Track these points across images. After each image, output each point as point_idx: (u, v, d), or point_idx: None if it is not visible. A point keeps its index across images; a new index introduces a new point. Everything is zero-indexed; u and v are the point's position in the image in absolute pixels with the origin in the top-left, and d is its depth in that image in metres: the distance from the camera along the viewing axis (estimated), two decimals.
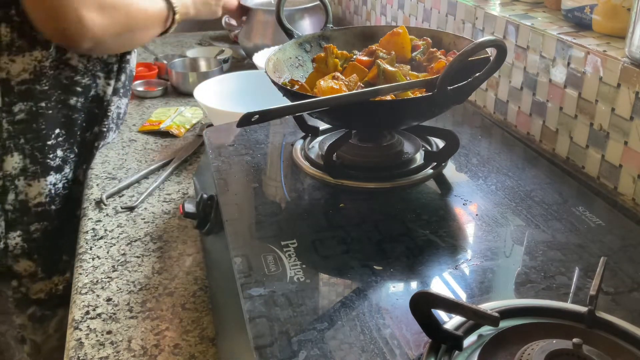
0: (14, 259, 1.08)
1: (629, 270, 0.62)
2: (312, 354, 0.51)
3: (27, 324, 1.11)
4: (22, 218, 1.07)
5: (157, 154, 1.18)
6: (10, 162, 1.03)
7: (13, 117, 1.01)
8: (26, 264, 1.09)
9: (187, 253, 0.88)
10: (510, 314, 0.53)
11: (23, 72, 1.00)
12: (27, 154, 1.04)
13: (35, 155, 1.05)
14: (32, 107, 1.02)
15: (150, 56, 1.71)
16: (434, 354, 0.49)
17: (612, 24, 0.88)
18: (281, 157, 0.87)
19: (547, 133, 0.96)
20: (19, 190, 1.05)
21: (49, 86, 1.03)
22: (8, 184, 1.04)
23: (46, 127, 1.05)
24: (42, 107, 1.03)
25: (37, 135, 1.04)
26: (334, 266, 0.63)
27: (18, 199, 1.06)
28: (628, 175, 0.81)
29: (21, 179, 1.05)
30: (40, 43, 0.99)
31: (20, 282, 1.09)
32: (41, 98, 1.03)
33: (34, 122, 1.04)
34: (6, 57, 0.97)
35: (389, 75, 0.77)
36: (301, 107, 0.69)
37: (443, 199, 0.77)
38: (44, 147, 1.06)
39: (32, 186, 1.06)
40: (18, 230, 1.07)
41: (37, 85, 1.02)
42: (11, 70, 0.98)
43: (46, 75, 1.02)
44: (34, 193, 1.07)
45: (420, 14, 1.31)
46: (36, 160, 1.06)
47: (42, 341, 1.11)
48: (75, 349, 0.70)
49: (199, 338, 0.72)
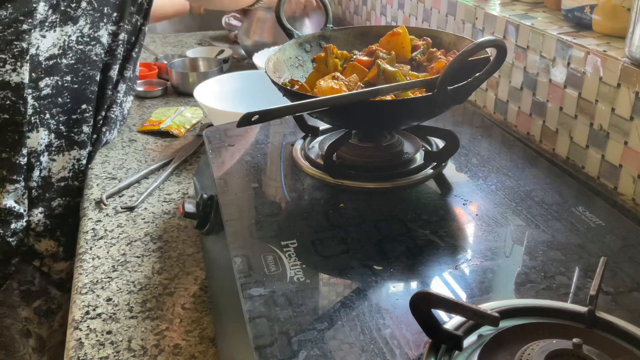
0: (35, 237, 1.08)
1: (629, 270, 0.62)
2: (312, 354, 0.51)
3: (33, 317, 1.11)
4: (44, 194, 1.07)
5: (157, 154, 1.18)
6: (35, 137, 1.04)
7: (39, 92, 1.02)
8: (48, 244, 1.09)
9: (187, 253, 0.88)
10: (510, 314, 0.53)
11: (52, 47, 1.01)
12: (52, 128, 1.06)
13: (60, 129, 1.07)
14: (57, 81, 1.04)
15: (150, 56, 1.71)
16: (434, 354, 0.49)
17: (612, 24, 0.88)
18: (281, 157, 0.87)
19: (547, 133, 0.96)
20: (43, 166, 1.06)
21: (75, 60, 1.05)
22: (33, 160, 1.05)
23: (71, 101, 1.07)
24: (67, 81, 1.05)
25: (62, 109, 1.06)
26: (334, 266, 0.63)
27: (42, 175, 1.07)
28: (628, 175, 0.81)
29: (45, 154, 1.06)
30: (72, 18, 1.01)
31: (42, 261, 1.10)
32: (67, 72, 1.05)
33: (59, 97, 1.05)
34: (38, 33, 0.99)
35: (389, 75, 0.77)
36: (301, 107, 0.69)
37: (443, 199, 0.77)
38: (69, 121, 1.07)
39: (56, 161, 1.08)
40: (40, 207, 1.07)
41: (63, 59, 1.04)
42: (41, 45, 1.00)
43: (72, 50, 1.04)
44: (57, 168, 1.08)
45: (420, 14, 1.31)
46: (61, 134, 1.07)
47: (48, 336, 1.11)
48: (75, 349, 0.70)
49: (199, 338, 0.72)
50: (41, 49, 1.00)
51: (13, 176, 1.02)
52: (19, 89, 0.98)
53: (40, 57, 1.00)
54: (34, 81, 1.01)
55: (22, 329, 1.10)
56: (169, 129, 1.25)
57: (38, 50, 1.00)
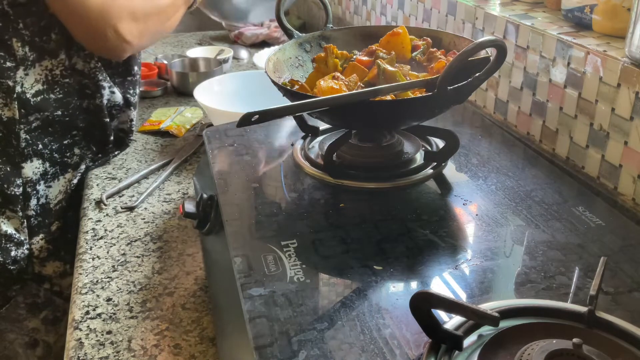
0: (40, 263, 1.07)
1: (629, 270, 0.62)
2: (312, 354, 0.51)
3: (40, 327, 1.11)
4: (44, 221, 1.07)
5: (157, 154, 1.18)
6: (30, 167, 1.03)
7: (30, 125, 1.01)
8: (54, 265, 1.09)
9: (187, 253, 0.88)
10: (510, 314, 0.53)
11: (36, 84, 0.99)
12: (45, 157, 1.05)
13: (54, 157, 1.06)
14: (47, 116, 1.02)
15: (150, 56, 1.71)
16: (434, 354, 0.49)
17: (612, 24, 0.88)
18: (281, 157, 0.87)
19: (547, 133, 0.96)
20: (40, 194, 1.06)
21: (64, 94, 1.03)
22: (30, 190, 1.04)
23: (61, 129, 1.06)
24: (58, 116, 1.04)
25: (53, 138, 1.05)
26: (334, 266, 0.63)
27: (39, 203, 1.06)
28: (628, 175, 0.81)
29: (42, 183, 1.06)
30: (47, 52, 0.99)
31: (51, 282, 1.10)
32: (56, 107, 1.03)
33: (50, 127, 1.04)
34: (22, 72, 0.97)
35: (389, 75, 0.77)
36: (301, 107, 0.69)
37: (443, 199, 0.77)
38: (61, 147, 1.07)
39: (52, 187, 1.07)
40: (41, 233, 1.07)
41: (51, 94, 1.02)
42: (25, 83, 0.98)
43: (59, 84, 1.02)
44: (54, 193, 1.07)
45: (420, 14, 1.31)
46: (55, 162, 1.06)
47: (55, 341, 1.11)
48: (75, 349, 0.70)
49: (199, 338, 0.72)
50: (25, 86, 0.98)
51: (9, 206, 1.02)
52: (10, 124, 0.98)
53: (27, 95, 0.99)
54: (24, 117, 0.99)
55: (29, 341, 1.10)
56: (169, 129, 1.24)
57: (23, 87, 0.98)
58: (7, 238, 1.02)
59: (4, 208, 1.02)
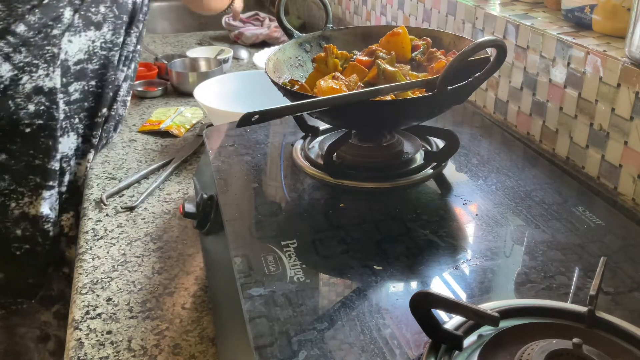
0: (67, 244, 1.09)
1: (629, 270, 0.62)
2: (312, 354, 0.51)
3: (52, 321, 1.12)
4: (72, 199, 1.09)
5: (157, 154, 1.18)
6: (67, 142, 1.06)
7: (69, 97, 1.05)
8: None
9: (187, 253, 0.88)
10: (510, 314, 0.53)
11: (79, 52, 1.04)
12: (80, 132, 1.09)
13: (86, 133, 1.10)
14: (84, 85, 1.07)
15: (150, 56, 1.71)
16: (434, 354, 0.49)
17: (612, 24, 0.88)
18: (281, 157, 0.87)
19: (547, 133, 0.96)
20: (72, 170, 1.09)
21: (99, 66, 1.08)
22: (65, 165, 1.07)
23: (95, 104, 1.10)
24: (92, 86, 1.08)
25: (88, 113, 1.09)
26: (334, 266, 0.63)
27: (70, 179, 1.09)
28: (628, 175, 0.81)
29: (74, 158, 1.09)
30: (94, 24, 1.04)
31: (70, 268, 1.11)
32: (92, 77, 1.07)
33: (85, 101, 1.08)
34: (66, 38, 1.01)
35: (389, 75, 0.77)
36: (301, 107, 0.69)
37: (443, 199, 0.77)
38: (92, 124, 1.10)
39: (81, 164, 1.10)
40: (70, 211, 1.09)
41: (89, 65, 1.06)
42: (69, 50, 1.02)
43: (97, 55, 1.07)
44: (82, 172, 1.10)
45: (420, 14, 1.31)
46: (86, 139, 1.10)
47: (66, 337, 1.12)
48: (75, 349, 0.70)
49: (199, 338, 0.72)
50: (69, 54, 1.02)
51: (48, 182, 1.04)
52: (52, 94, 1.01)
53: (69, 62, 1.03)
54: (64, 86, 1.03)
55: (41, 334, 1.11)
56: (169, 129, 1.24)
57: (67, 55, 1.02)
58: (44, 219, 1.04)
59: (41, 189, 1.04)
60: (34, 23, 0.96)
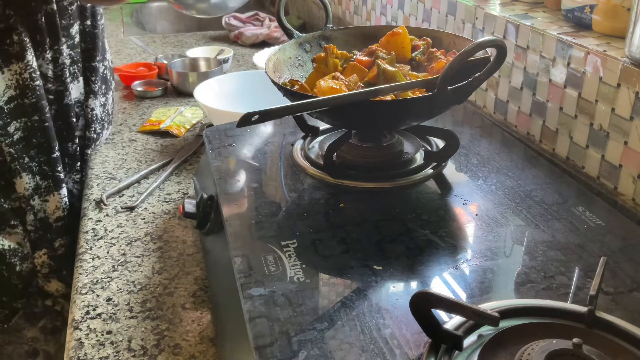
0: (44, 279, 1.07)
1: (629, 270, 0.62)
2: (312, 354, 0.51)
3: (39, 336, 1.10)
4: (45, 235, 1.05)
5: (157, 154, 1.18)
6: (21, 183, 1.01)
7: (11, 138, 0.98)
8: (57, 285, 1.08)
9: (187, 253, 0.88)
10: (510, 314, 0.53)
11: (7, 89, 0.96)
12: (35, 171, 1.02)
13: (44, 169, 1.03)
14: (26, 122, 0.99)
15: (150, 56, 1.71)
16: (434, 354, 0.49)
17: (612, 24, 0.88)
18: (281, 157, 0.87)
19: (547, 133, 0.96)
20: (36, 209, 1.04)
21: (37, 98, 0.99)
22: (24, 205, 1.03)
23: (46, 140, 1.02)
24: (36, 121, 1.00)
25: (39, 150, 1.02)
26: (334, 266, 0.63)
27: (38, 217, 1.04)
28: (628, 175, 0.81)
29: (36, 197, 1.03)
30: (13, 55, 0.96)
31: (54, 300, 1.09)
32: (32, 112, 1.00)
33: (32, 138, 1.01)
34: None
35: (389, 75, 0.77)
36: (301, 107, 0.69)
37: (443, 199, 0.77)
38: (50, 160, 1.03)
39: (49, 201, 1.05)
40: (43, 248, 1.06)
41: (25, 100, 0.98)
42: None
43: (29, 87, 0.98)
44: (52, 208, 1.05)
45: (420, 14, 1.31)
46: (46, 175, 1.04)
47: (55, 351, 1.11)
48: (75, 349, 0.70)
49: (199, 338, 0.72)
50: None
51: (10, 222, 1.02)
52: None
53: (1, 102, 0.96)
54: (2, 128, 0.97)
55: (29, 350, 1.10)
56: (169, 129, 1.24)
57: None
58: (12, 252, 1.02)
59: (3, 225, 1.01)
60: None
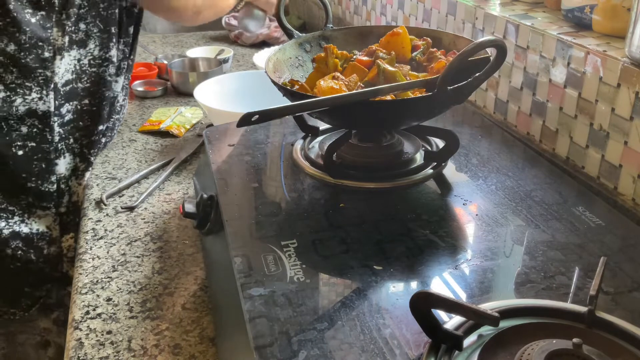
0: (69, 263, 1.08)
1: (629, 270, 0.62)
2: (312, 354, 0.51)
3: (52, 327, 1.11)
4: (75, 219, 1.08)
5: (157, 154, 1.18)
6: (63, 163, 1.05)
7: (63, 118, 1.03)
8: None
9: (187, 253, 0.88)
10: (510, 314, 0.53)
11: (66, 73, 1.02)
12: (76, 152, 1.07)
13: (84, 152, 1.09)
14: (76, 105, 1.05)
15: (150, 56, 1.71)
16: (434, 354, 0.49)
17: (612, 24, 0.88)
18: (281, 157, 0.87)
19: (547, 133, 0.96)
20: (72, 191, 1.07)
21: (91, 83, 1.06)
22: (63, 186, 1.06)
23: (91, 123, 1.08)
24: (85, 104, 1.06)
25: (84, 133, 1.07)
26: (334, 266, 0.63)
27: (72, 200, 1.07)
28: (628, 175, 0.81)
29: (73, 179, 1.07)
30: (76, 42, 1.02)
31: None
32: (84, 95, 1.06)
33: (80, 120, 1.06)
34: (59, 60, 0.99)
35: (389, 75, 0.77)
36: (301, 107, 0.69)
37: (443, 199, 0.77)
38: (90, 143, 1.09)
39: (82, 185, 1.09)
40: (71, 232, 1.08)
41: (79, 84, 1.05)
42: (58, 72, 1.00)
43: (86, 73, 1.05)
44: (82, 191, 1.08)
45: (420, 14, 1.31)
46: (84, 157, 1.09)
47: None
48: (75, 349, 0.70)
49: (199, 338, 0.72)
50: (59, 75, 1.00)
51: (43, 203, 1.03)
52: (45, 117, 1.00)
53: (58, 84, 1.01)
54: (57, 108, 1.02)
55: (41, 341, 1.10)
56: (169, 129, 1.24)
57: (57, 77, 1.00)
58: (40, 236, 1.03)
59: (34, 208, 1.03)
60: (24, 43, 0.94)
